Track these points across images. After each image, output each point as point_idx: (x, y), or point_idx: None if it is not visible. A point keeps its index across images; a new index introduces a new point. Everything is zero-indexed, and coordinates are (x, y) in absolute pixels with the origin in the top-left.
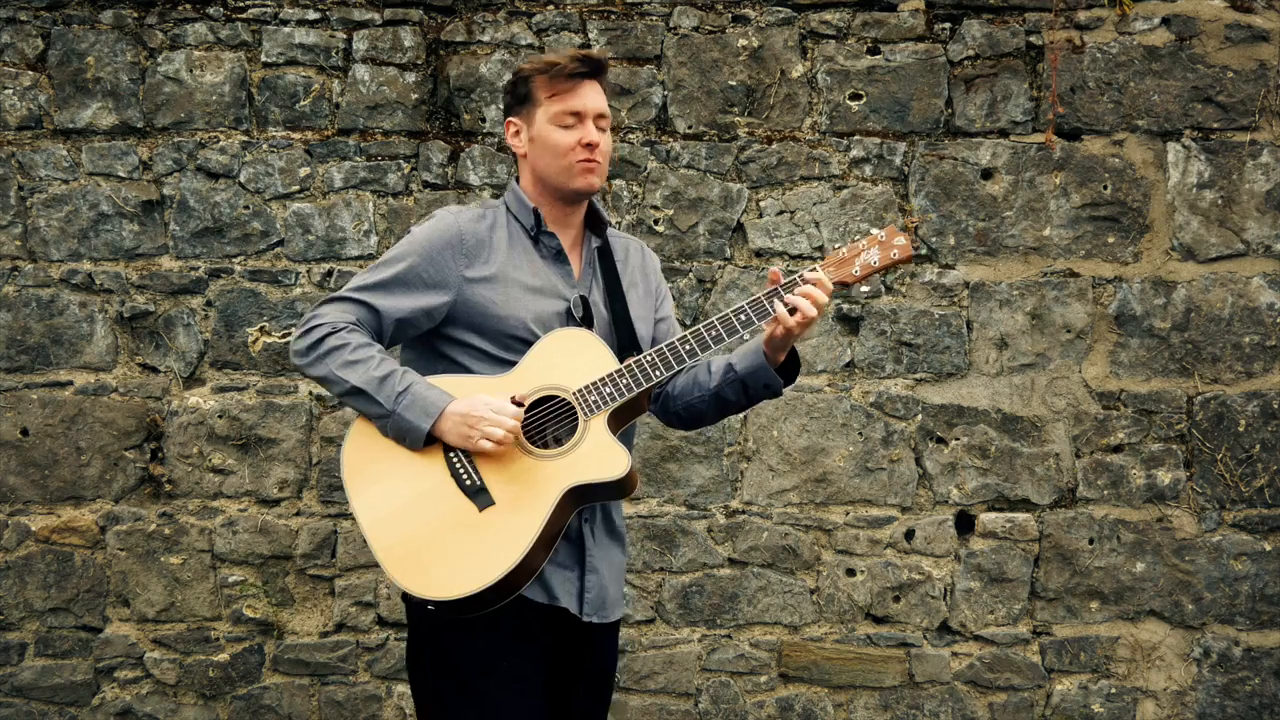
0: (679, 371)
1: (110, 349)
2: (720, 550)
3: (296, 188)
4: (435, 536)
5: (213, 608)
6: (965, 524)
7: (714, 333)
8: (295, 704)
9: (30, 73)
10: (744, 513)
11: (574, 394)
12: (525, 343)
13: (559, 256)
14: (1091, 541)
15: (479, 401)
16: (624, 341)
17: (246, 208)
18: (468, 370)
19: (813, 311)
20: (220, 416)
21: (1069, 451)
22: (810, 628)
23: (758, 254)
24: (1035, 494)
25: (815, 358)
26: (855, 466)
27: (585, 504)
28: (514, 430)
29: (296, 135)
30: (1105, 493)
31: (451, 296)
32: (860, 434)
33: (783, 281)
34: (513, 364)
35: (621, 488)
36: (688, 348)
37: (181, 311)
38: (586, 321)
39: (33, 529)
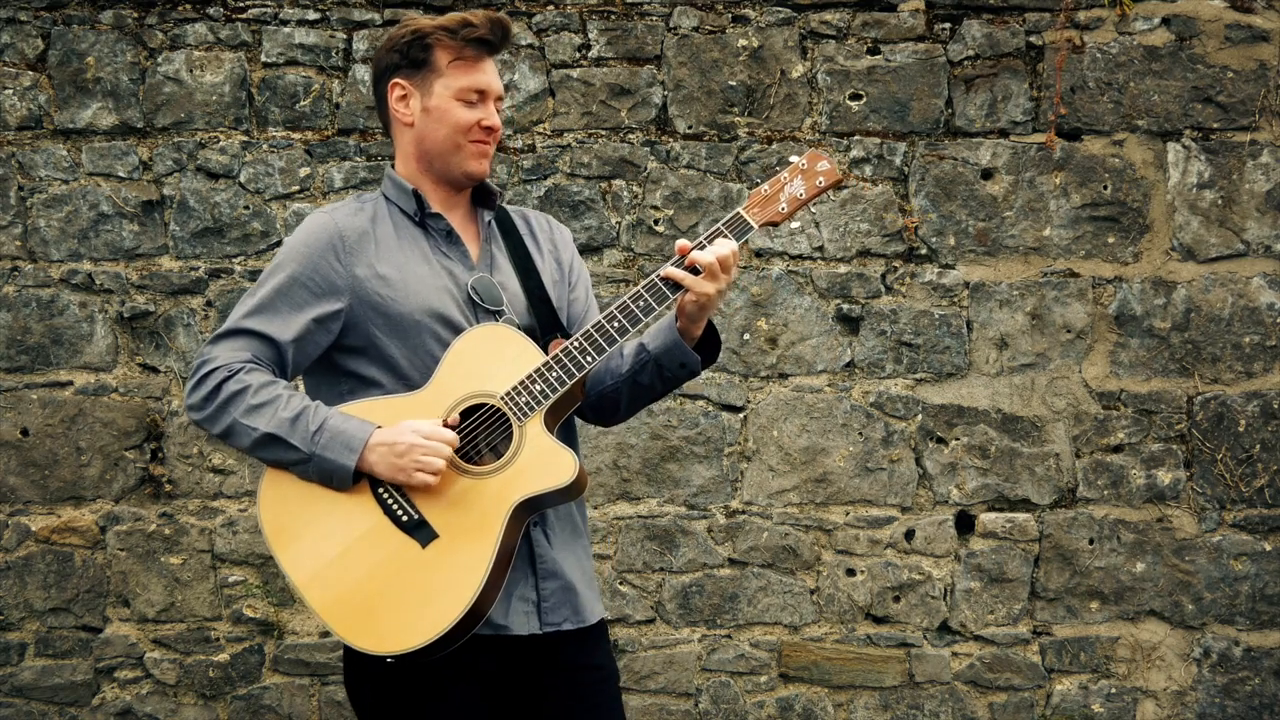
0: (611, 353)
1: (110, 349)
2: (720, 550)
3: (296, 188)
4: (380, 585)
5: (213, 608)
6: (965, 524)
7: (641, 303)
8: (295, 704)
9: (30, 73)
10: (744, 513)
11: (502, 398)
12: (435, 337)
13: (450, 237)
14: (1091, 541)
15: (405, 429)
16: (545, 321)
17: (246, 208)
18: (376, 383)
19: (714, 263)
20: None
21: (1069, 451)
22: (810, 628)
23: (758, 254)
24: (1035, 494)
25: (815, 358)
26: (855, 466)
27: (536, 513)
28: (449, 458)
29: (296, 135)
30: (1105, 493)
31: (344, 302)
32: (860, 434)
33: (694, 244)
34: (424, 367)
35: (571, 492)
36: (617, 325)
37: (181, 311)
38: (491, 302)
39: (33, 529)
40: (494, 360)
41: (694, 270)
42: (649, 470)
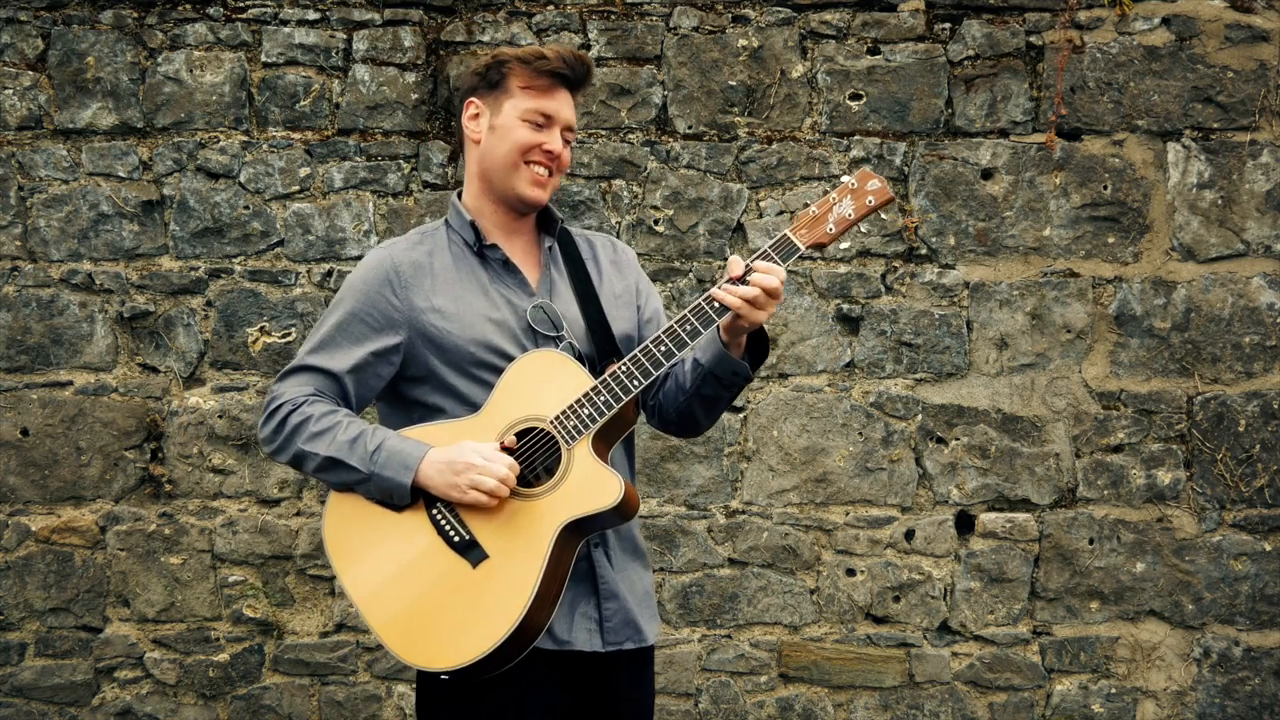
0: (658, 377)
1: (110, 349)
2: (720, 550)
3: (296, 188)
4: (432, 604)
5: (213, 608)
6: (965, 524)
7: (688, 327)
8: (295, 704)
9: (30, 73)
10: (744, 513)
11: (552, 422)
12: (491, 368)
13: (507, 267)
14: (1091, 541)
15: (466, 448)
16: (602, 346)
17: (246, 208)
18: (442, 410)
19: (764, 296)
20: (220, 416)
21: (1069, 451)
22: (810, 628)
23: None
24: (1035, 494)
25: (815, 358)
26: (855, 466)
27: (589, 534)
28: (507, 480)
29: (296, 135)
30: (1105, 493)
31: (403, 335)
32: (860, 434)
33: (748, 263)
34: (484, 395)
35: (621, 513)
36: (664, 349)
37: (181, 311)
38: (549, 329)
39: (33, 529)
40: (545, 385)
41: (741, 280)
42: (649, 470)
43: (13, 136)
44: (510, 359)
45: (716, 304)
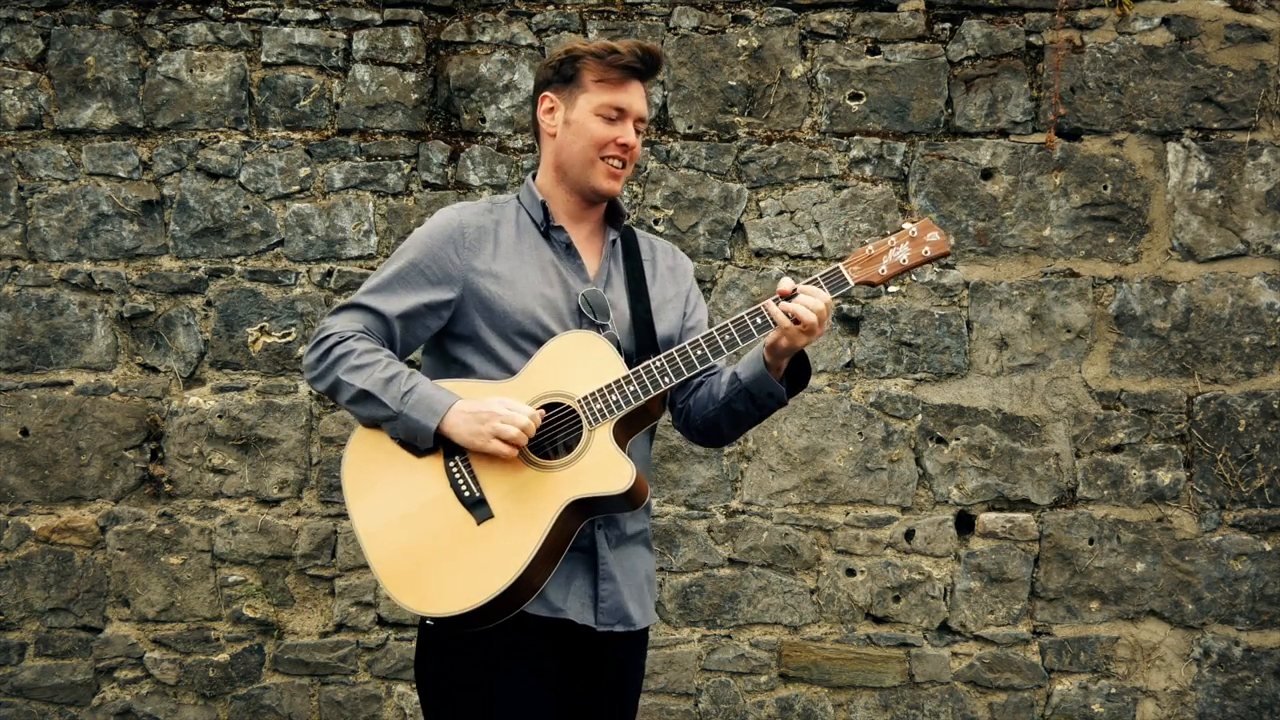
0: (690, 378)
1: (110, 349)
2: (720, 550)
3: (296, 188)
4: (432, 550)
5: (213, 608)
6: (965, 524)
7: (726, 336)
8: (295, 704)
9: (30, 73)
10: (744, 513)
11: (579, 401)
12: (534, 340)
13: (569, 251)
14: (1091, 541)
15: (492, 399)
16: (643, 342)
17: (246, 208)
18: (478, 372)
19: (811, 318)
20: (220, 416)
21: (1069, 451)
22: (810, 628)
23: (758, 254)
24: (1035, 494)
25: (815, 358)
26: (855, 466)
27: (593, 515)
28: (528, 429)
29: (296, 135)
30: (1105, 493)
31: (457, 292)
32: (860, 434)
33: (796, 285)
34: (521, 363)
35: (629, 500)
36: (699, 353)
37: (181, 311)
38: (599, 315)
39: (33, 529)
40: (581, 365)
41: (787, 298)
42: (649, 470)
43: (13, 136)
44: (552, 334)
45: (760, 319)
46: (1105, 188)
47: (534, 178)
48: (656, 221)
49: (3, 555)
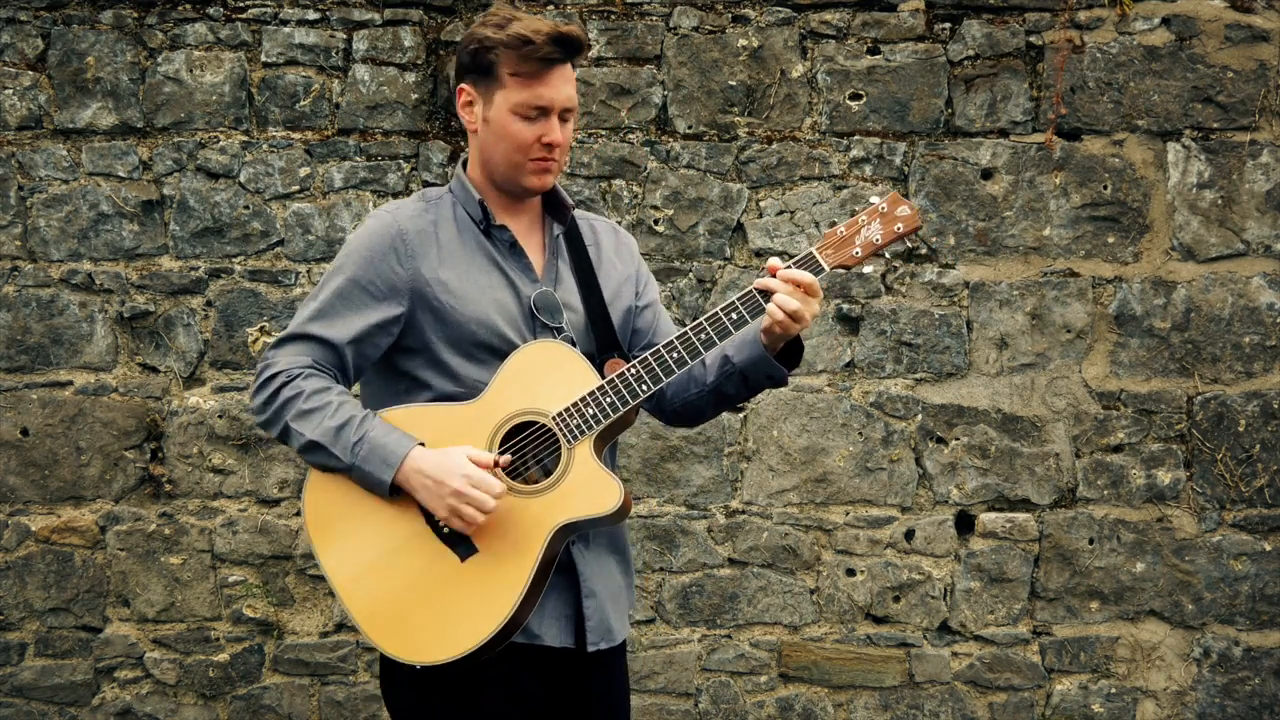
0: (667, 383)
1: (110, 349)
2: (720, 550)
3: (296, 188)
4: (417, 595)
5: (213, 608)
6: (965, 524)
7: (704, 336)
8: (295, 704)
9: (30, 73)
10: (744, 513)
11: (554, 418)
12: (490, 350)
13: (514, 249)
14: (1091, 541)
15: (455, 465)
16: (603, 339)
17: (246, 208)
18: (429, 386)
19: (793, 305)
20: (220, 416)
21: (1069, 451)
22: (810, 628)
23: (758, 254)
24: (1035, 494)
25: (815, 358)
26: (855, 466)
27: (577, 534)
28: (494, 511)
29: (296, 135)
30: (1105, 493)
31: (405, 305)
32: (860, 434)
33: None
34: (477, 375)
35: (617, 517)
36: (675, 356)
37: (181, 311)
38: (550, 318)
39: (33, 529)
40: (548, 378)
41: (768, 295)
42: (649, 470)
43: (13, 136)
44: (509, 342)
45: (736, 315)
46: (1105, 188)
47: (464, 167)
48: (656, 222)
49: (3, 555)
